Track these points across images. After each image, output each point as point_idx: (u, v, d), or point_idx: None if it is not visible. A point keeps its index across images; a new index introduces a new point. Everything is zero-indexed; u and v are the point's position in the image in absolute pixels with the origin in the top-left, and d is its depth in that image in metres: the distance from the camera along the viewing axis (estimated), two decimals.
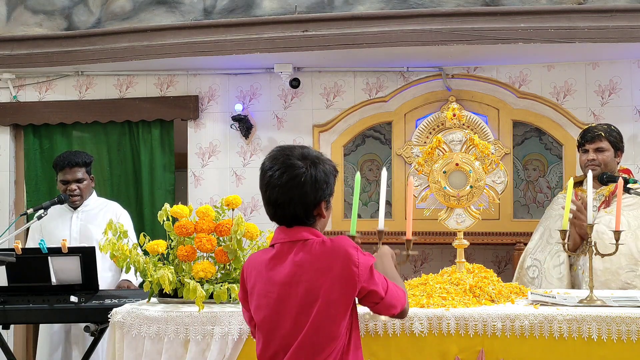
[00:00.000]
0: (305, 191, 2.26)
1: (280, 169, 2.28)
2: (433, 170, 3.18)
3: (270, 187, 2.30)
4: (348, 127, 5.21)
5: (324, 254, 2.24)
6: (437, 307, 2.81)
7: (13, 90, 5.56)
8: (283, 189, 2.27)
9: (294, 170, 2.27)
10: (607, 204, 3.68)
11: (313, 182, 2.26)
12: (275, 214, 2.33)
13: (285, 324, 2.25)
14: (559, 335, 2.71)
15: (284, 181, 2.27)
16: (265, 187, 2.33)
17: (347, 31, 4.66)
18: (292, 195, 2.27)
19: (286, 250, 2.30)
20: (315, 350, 2.22)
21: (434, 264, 5.20)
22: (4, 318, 3.55)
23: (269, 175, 2.31)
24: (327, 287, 2.21)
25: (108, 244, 3.08)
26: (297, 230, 2.30)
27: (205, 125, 5.44)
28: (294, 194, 2.26)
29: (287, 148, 2.35)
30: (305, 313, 2.22)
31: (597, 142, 3.74)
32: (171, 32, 4.93)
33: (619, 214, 2.94)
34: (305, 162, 2.28)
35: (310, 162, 2.29)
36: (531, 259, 3.80)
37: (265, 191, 2.33)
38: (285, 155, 2.31)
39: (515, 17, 4.51)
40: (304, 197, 2.27)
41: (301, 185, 2.26)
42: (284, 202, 2.28)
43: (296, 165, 2.27)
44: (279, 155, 2.32)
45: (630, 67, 5.01)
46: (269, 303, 2.27)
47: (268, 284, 2.28)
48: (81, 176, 4.30)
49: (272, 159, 2.33)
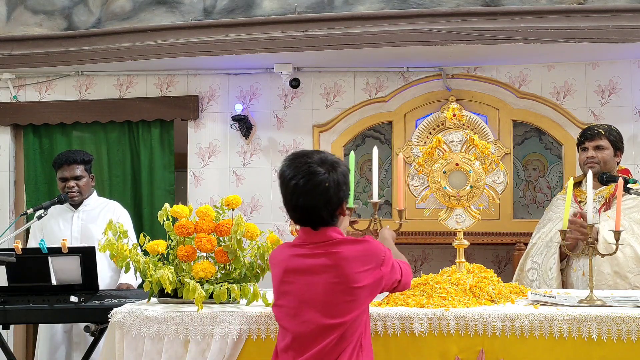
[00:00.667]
0: (330, 195, 2.41)
1: (304, 177, 2.41)
2: (433, 170, 3.18)
3: (296, 195, 2.42)
4: (348, 127, 5.21)
5: (355, 253, 2.42)
6: (437, 307, 2.81)
7: (13, 90, 5.56)
8: (309, 195, 2.41)
9: (318, 177, 2.40)
10: (608, 206, 3.68)
11: (335, 185, 2.42)
12: (302, 218, 2.47)
13: (314, 318, 2.43)
14: (559, 335, 2.70)
15: (309, 188, 2.40)
16: (290, 195, 2.44)
17: (347, 31, 4.66)
18: (317, 201, 2.41)
19: (316, 250, 2.45)
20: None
21: (434, 264, 5.21)
22: (4, 318, 3.55)
23: (294, 184, 2.42)
24: (357, 284, 2.41)
25: (108, 244, 3.08)
26: (324, 232, 2.46)
27: (205, 125, 5.44)
28: (320, 199, 2.41)
29: (304, 154, 2.47)
30: (337, 307, 2.42)
31: (596, 140, 3.75)
32: (171, 32, 4.93)
33: (619, 214, 2.93)
34: (325, 167, 2.42)
35: (329, 165, 2.43)
36: (531, 261, 3.81)
37: (290, 199, 2.44)
38: (305, 163, 2.42)
39: (515, 17, 4.51)
40: (329, 201, 2.42)
41: (326, 190, 2.41)
42: (310, 208, 2.42)
43: (318, 171, 2.41)
44: (298, 163, 2.44)
45: (630, 67, 5.01)
46: (298, 300, 2.46)
47: (299, 284, 2.46)
48: (79, 173, 4.30)
49: (293, 168, 2.44)
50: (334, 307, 2.42)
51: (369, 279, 2.43)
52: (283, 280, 2.49)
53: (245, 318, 2.84)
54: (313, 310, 2.43)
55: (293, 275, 2.47)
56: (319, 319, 2.42)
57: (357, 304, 2.44)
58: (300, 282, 2.45)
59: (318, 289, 2.43)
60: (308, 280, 2.44)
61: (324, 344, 2.41)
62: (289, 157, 2.49)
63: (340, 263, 2.42)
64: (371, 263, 2.44)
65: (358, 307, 2.44)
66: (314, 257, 2.45)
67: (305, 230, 2.49)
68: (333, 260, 2.43)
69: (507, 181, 3.20)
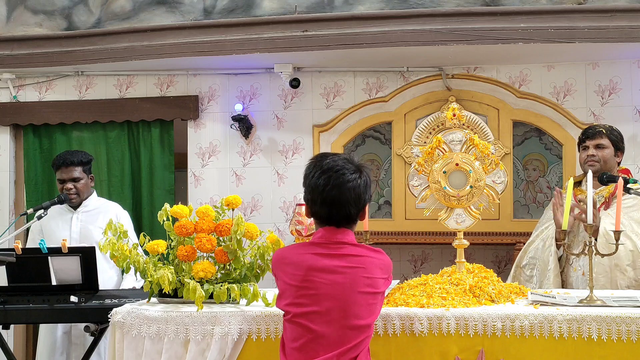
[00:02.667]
0: (360, 192, 2.54)
1: (339, 171, 2.52)
2: (433, 170, 3.18)
3: (329, 187, 2.50)
4: (348, 127, 5.21)
5: (378, 260, 2.54)
6: (437, 307, 2.81)
7: (13, 90, 5.56)
8: (342, 189, 2.52)
9: (351, 174, 2.53)
10: (607, 205, 3.68)
11: (365, 185, 2.56)
12: (329, 213, 2.53)
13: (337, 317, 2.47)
14: (559, 335, 2.71)
15: (343, 182, 2.51)
16: (322, 186, 2.51)
17: (347, 31, 4.66)
18: (349, 196, 2.51)
19: (341, 251, 2.52)
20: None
21: (434, 264, 5.21)
22: (4, 318, 3.55)
23: (327, 176, 2.51)
24: (379, 289, 2.54)
25: (108, 244, 3.08)
26: (345, 233, 2.55)
27: (205, 125, 5.44)
28: (351, 195, 2.51)
29: (331, 154, 2.60)
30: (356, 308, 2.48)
31: (597, 139, 3.76)
32: (171, 32, 4.92)
33: (619, 214, 2.93)
34: (354, 166, 2.56)
35: (357, 166, 2.57)
36: (527, 257, 3.82)
37: (322, 191, 2.51)
38: (335, 162, 2.54)
39: (515, 17, 4.51)
40: (359, 198, 2.53)
41: (357, 187, 2.53)
42: (342, 202, 2.51)
43: (350, 169, 2.54)
44: (329, 160, 2.55)
45: (630, 67, 5.01)
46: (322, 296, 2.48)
47: (325, 283, 2.49)
48: (78, 175, 4.30)
49: (324, 164, 2.54)
50: (360, 309, 2.46)
51: (384, 287, 2.58)
52: (307, 279, 2.49)
53: (245, 318, 2.84)
54: (340, 310, 2.46)
55: (319, 274, 2.49)
56: (347, 319, 2.45)
57: (377, 308, 2.54)
58: (326, 281, 2.48)
59: (346, 289, 2.47)
60: (335, 279, 2.47)
61: (351, 345, 2.45)
62: (316, 157, 2.61)
63: (368, 266, 2.50)
64: (387, 273, 2.57)
65: (378, 310, 2.56)
66: (341, 258, 2.50)
67: (328, 229, 2.54)
68: (362, 263, 2.50)
69: (507, 181, 3.21)
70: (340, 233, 2.54)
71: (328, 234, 2.54)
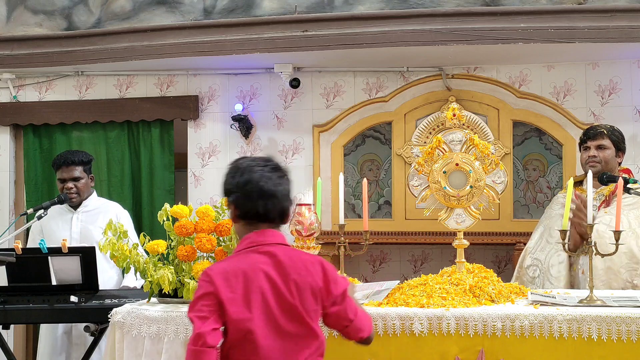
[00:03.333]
0: (290, 190, 2.44)
1: (274, 164, 2.44)
2: (433, 170, 3.18)
3: (272, 181, 2.39)
4: (348, 127, 5.21)
5: (304, 262, 2.38)
6: (437, 307, 2.81)
7: (13, 90, 5.56)
8: (283, 180, 2.41)
9: (283, 170, 2.46)
10: (607, 204, 3.69)
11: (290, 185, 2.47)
12: (271, 210, 2.39)
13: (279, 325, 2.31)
14: (559, 335, 2.71)
15: (282, 174, 2.43)
16: (266, 181, 2.39)
17: (347, 31, 4.66)
18: (289, 188, 2.42)
19: (290, 253, 2.39)
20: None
21: (434, 264, 5.20)
22: (4, 318, 3.55)
23: (269, 169, 2.42)
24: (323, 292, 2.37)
25: (108, 244, 3.08)
26: (278, 233, 2.41)
27: (205, 125, 5.44)
28: (289, 188, 2.43)
29: (250, 156, 2.58)
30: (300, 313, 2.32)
31: (599, 139, 3.76)
32: (171, 32, 4.92)
33: (619, 213, 2.94)
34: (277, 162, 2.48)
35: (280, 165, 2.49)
36: (531, 258, 3.81)
37: (265, 185, 2.39)
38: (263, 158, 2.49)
39: (515, 17, 4.50)
40: (290, 193, 2.44)
41: (289, 182, 2.45)
42: (286, 194, 2.41)
43: (282, 167, 2.47)
44: (256, 159, 2.48)
45: (630, 67, 5.01)
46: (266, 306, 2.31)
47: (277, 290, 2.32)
48: (78, 174, 4.30)
49: (253, 161, 2.47)
50: (313, 314, 2.35)
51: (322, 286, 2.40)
52: (254, 289, 2.30)
53: None
54: (294, 317, 2.32)
55: (267, 282, 2.31)
56: (304, 327, 2.32)
57: (319, 314, 2.40)
58: (278, 287, 2.31)
59: (297, 294, 2.32)
60: (285, 285, 2.32)
61: (308, 354, 2.33)
62: (236, 160, 2.53)
63: (322, 267, 2.39)
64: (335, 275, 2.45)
65: (319, 316, 2.40)
66: (292, 262, 2.35)
67: (266, 232, 2.39)
68: (311, 263, 2.38)
69: (507, 181, 3.21)
70: (275, 235, 2.40)
71: (261, 237, 2.38)
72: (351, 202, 5.21)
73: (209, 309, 2.27)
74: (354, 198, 5.21)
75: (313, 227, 3.00)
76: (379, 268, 5.33)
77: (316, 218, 3.02)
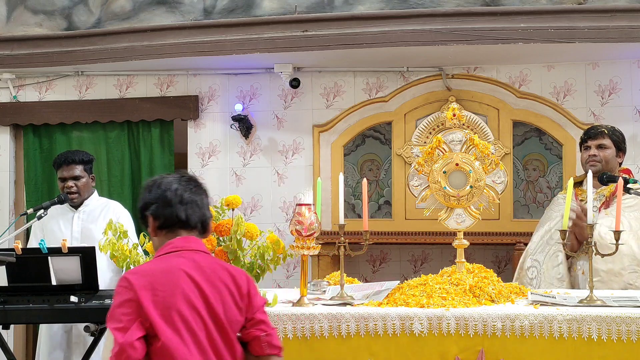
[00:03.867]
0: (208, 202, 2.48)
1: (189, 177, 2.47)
2: (433, 170, 3.18)
3: (189, 190, 2.40)
4: (348, 127, 5.21)
5: (229, 269, 2.37)
6: (437, 307, 2.81)
7: (13, 90, 5.56)
8: (201, 189, 2.44)
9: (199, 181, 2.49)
10: (607, 205, 3.69)
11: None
12: (192, 216, 2.38)
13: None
14: (559, 335, 2.71)
15: (199, 183, 2.46)
16: (183, 189, 2.40)
17: (347, 31, 4.66)
18: (206, 196, 2.44)
19: (210, 260, 2.39)
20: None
21: (434, 264, 5.20)
22: (4, 318, 3.55)
23: (185, 180, 2.44)
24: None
25: (108, 244, 3.08)
26: (197, 241, 2.39)
27: (205, 125, 5.44)
28: (205, 199, 2.44)
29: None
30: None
31: (599, 139, 3.76)
32: (171, 32, 4.92)
33: (619, 214, 2.94)
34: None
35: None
36: (531, 259, 3.81)
37: (183, 193, 2.39)
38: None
39: (515, 17, 4.50)
40: (208, 205, 2.47)
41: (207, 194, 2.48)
42: (205, 202, 2.43)
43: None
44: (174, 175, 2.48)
45: (630, 67, 5.01)
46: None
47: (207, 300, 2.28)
48: (79, 174, 4.30)
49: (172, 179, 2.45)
50: (235, 325, 2.32)
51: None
52: (177, 293, 2.22)
53: None
54: (216, 324, 2.27)
55: (191, 285, 2.25)
56: (224, 337, 2.28)
57: (240, 324, 2.37)
58: (203, 291, 2.26)
59: (221, 300, 2.30)
60: (209, 289, 2.27)
61: None
62: (154, 177, 2.51)
63: (247, 277, 2.39)
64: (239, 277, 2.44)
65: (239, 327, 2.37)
66: (215, 268, 2.32)
67: (189, 239, 2.36)
68: (235, 271, 2.38)
69: (507, 181, 3.21)
70: (197, 242, 2.38)
71: (185, 243, 2.35)
72: (351, 202, 5.21)
73: (129, 317, 2.19)
74: (354, 198, 5.21)
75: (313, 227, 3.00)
76: (379, 268, 5.33)
77: (316, 218, 3.02)
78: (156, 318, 2.19)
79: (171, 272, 2.25)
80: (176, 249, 2.33)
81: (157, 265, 2.29)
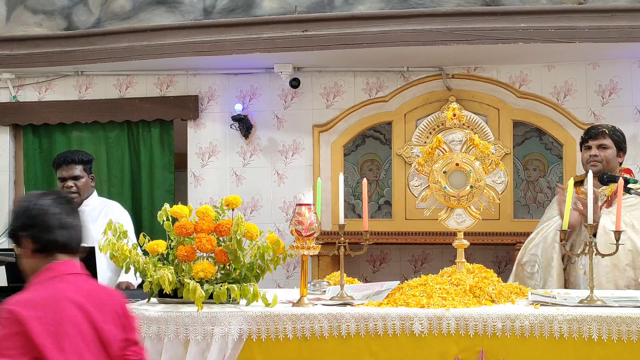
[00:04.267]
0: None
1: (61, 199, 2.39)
2: (433, 170, 3.17)
3: (72, 214, 2.36)
4: (348, 127, 5.21)
5: (107, 292, 2.40)
6: (437, 307, 2.81)
7: (13, 90, 5.56)
8: (72, 213, 2.36)
9: (73, 203, 2.46)
10: (609, 204, 3.69)
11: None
12: (76, 238, 2.35)
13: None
14: (559, 335, 2.70)
15: (72, 207, 2.39)
16: (66, 214, 2.34)
17: (347, 31, 4.66)
18: (79, 219, 2.39)
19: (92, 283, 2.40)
20: None
21: (434, 264, 5.20)
22: None
23: (65, 203, 2.38)
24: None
25: (108, 244, 3.07)
26: (75, 264, 2.34)
27: (205, 125, 5.43)
28: (80, 219, 2.39)
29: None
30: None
31: (600, 139, 3.76)
32: (171, 32, 4.92)
33: (619, 214, 2.93)
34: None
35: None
36: (528, 254, 3.82)
37: (67, 217, 2.33)
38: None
39: (515, 17, 4.50)
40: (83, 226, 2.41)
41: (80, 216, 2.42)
42: (75, 225, 2.36)
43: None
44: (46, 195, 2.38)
45: (630, 67, 5.01)
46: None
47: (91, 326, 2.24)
48: (78, 173, 4.30)
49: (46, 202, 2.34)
50: (120, 344, 2.31)
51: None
52: (64, 319, 2.16)
53: (245, 318, 2.84)
54: (109, 350, 2.26)
55: (78, 311, 2.20)
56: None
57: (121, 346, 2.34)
58: (91, 315, 2.23)
59: (108, 322, 2.28)
60: (96, 313, 2.24)
61: None
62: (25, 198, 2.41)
63: (121, 298, 2.38)
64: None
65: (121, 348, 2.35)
66: (97, 291, 2.33)
67: (71, 262, 2.31)
68: (113, 293, 2.40)
69: (507, 181, 3.20)
70: (79, 265, 2.34)
71: (72, 266, 2.30)
72: (351, 202, 5.21)
73: (17, 351, 2.10)
74: (354, 198, 5.21)
75: (313, 227, 2.99)
76: (379, 268, 5.33)
77: (316, 218, 3.02)
78: (46, 347, 2.12)
79: (57, 300, 2.20)
80: (58, 274, 2.27)
81: (41, 293, 2.22)
